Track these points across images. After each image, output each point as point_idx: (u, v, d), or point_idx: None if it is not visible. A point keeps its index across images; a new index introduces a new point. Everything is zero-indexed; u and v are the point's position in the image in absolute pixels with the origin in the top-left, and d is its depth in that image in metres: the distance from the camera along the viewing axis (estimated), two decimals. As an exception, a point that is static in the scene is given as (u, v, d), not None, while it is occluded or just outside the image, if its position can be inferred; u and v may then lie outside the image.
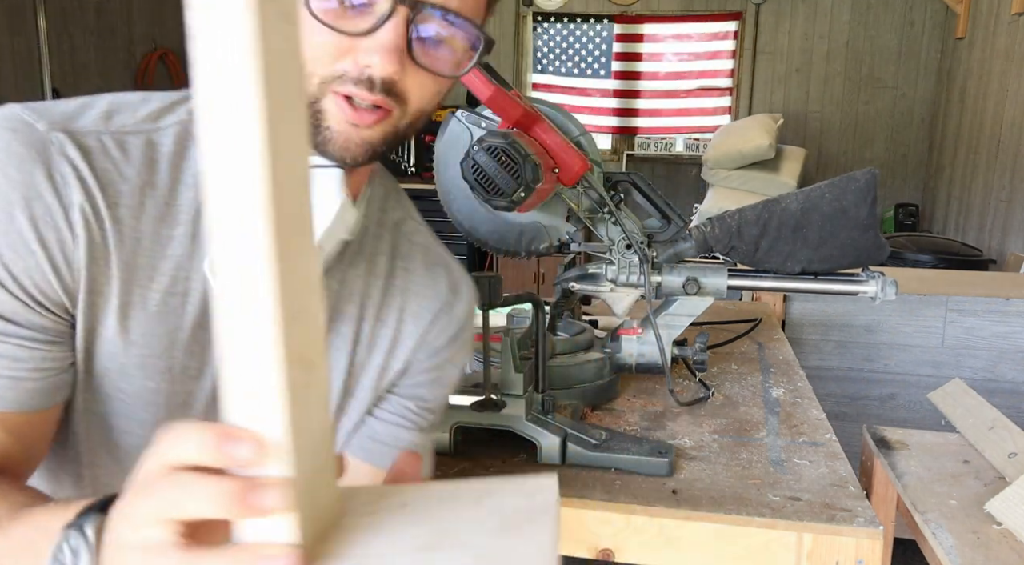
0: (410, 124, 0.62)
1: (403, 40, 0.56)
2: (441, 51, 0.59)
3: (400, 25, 0.55)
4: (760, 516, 0.89)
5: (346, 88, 0.56)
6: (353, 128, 0.58)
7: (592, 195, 1.17)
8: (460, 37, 0.59)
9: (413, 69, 0.58)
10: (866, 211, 1.14)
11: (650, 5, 5.20)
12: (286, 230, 0.35)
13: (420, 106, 0.61)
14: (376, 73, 0.56)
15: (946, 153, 4.49)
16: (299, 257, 0.37)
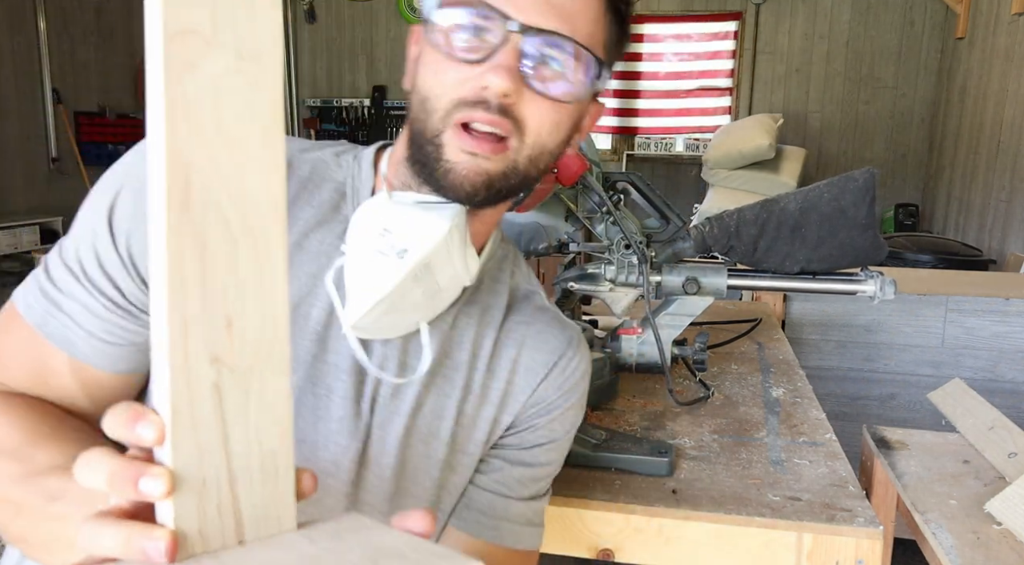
0: (530, 158, 0.62)
1: (516, 61, 0.58)
2: (554, 75, 0.60)
3: (513, 49, 0.58)
4: (760, 516, 0.89)
5: (463, 113, 0.59)
6: (471, 158, 0.59)
7: (591, 195, 1.17)
8: (572, 63, 0.60)
9: (529, 94, 0.60)
10: (865, 211, 1.14)
11: (650, 5, 5.20)
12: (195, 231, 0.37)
13: (538, 135, 0.61)
14: (492, 92, 0.58)
15: (946, 153, 4.49)
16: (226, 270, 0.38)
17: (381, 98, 5.84)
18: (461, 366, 0.70)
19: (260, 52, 0.38)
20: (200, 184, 0.37)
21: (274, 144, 0.39)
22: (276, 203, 0.39)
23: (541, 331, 0.73)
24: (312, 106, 6.02)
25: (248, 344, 0.39)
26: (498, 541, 0.74)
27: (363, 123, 5.90)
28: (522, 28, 0.58)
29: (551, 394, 0.73)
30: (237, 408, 0.38)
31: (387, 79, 5.85)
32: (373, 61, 5.85)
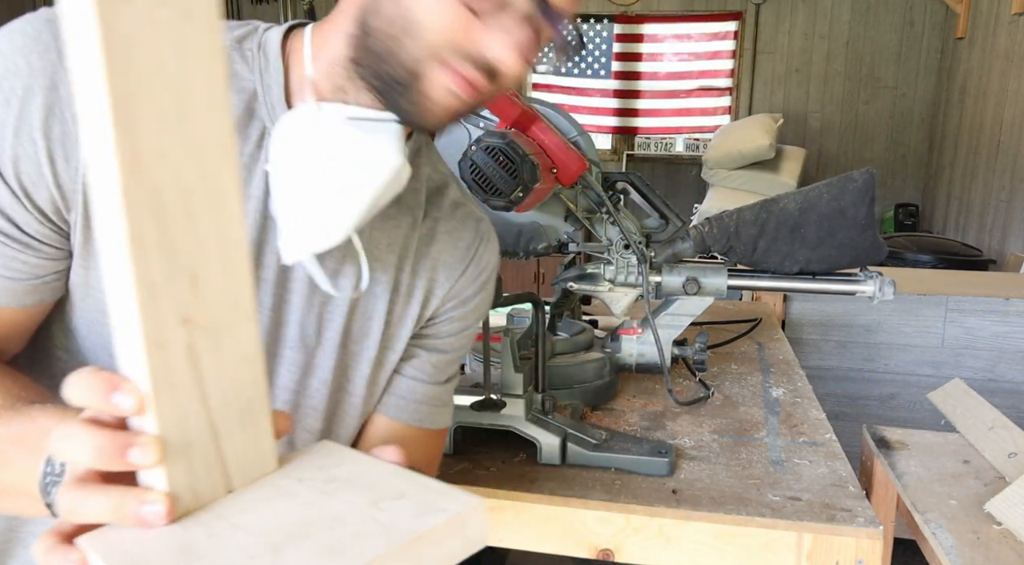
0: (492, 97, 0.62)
1: (534, 43, 0.57)
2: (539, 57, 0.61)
3: (533, 27, 0.56)
4: (760, 516, 0.89)
5: (457, 62, 0.56)
6: (455, 98, 0.58)
7: (590, 195, 1.17)
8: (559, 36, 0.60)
9: None
10: (864, 211, 1.14)
11: (650, 5, 5.20)
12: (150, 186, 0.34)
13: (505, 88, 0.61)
14: (503, 66, 0.56)
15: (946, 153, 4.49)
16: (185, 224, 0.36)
17: (381, 98, 5.83)
18: (389, 268, 0.70)
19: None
20: (149, 134, 0.34)
21: (216, 79, 0.36)
22: (225, 144, 0.37)
23: (456, 228, 0.75)
24: (312, 106, 6.01)
25: (215, 298, 0.37)
26: (417, 423, 0.77)
27: (363, 123, 5.89)
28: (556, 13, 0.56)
29: (467, 287, 0.76)
30: (212, 365, 0.38)
31: (387, 79, 5.83)
32: (373, 61, 5.84)
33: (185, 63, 0.35)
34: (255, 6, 5.98)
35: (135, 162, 0.34)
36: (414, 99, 0.58)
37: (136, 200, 0.34)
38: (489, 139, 1.00)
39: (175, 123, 0.35)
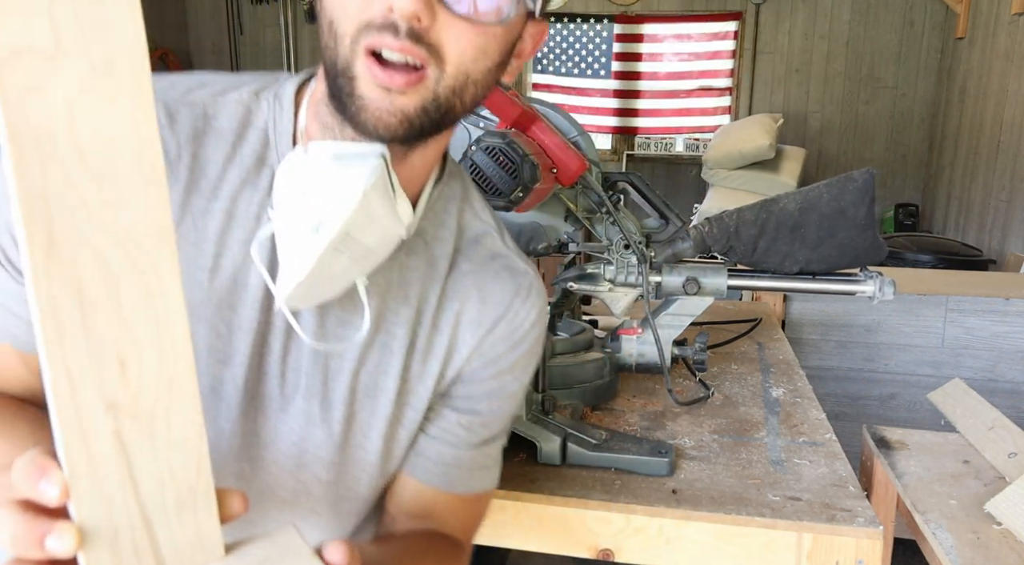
0: (452, 89, 0.55)
1: None
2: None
3: None
4: (760, 516, 0.89)
5: (372, 39, 0.51)
6: (384, 93, 0.53)
7: (590, 195, 1.17)
8: None
9: (445, 15, 0.52)
10: (864, 211, 1.14)
11: (650, 5, 5.20)
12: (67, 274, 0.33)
13: (460, 64, 0.54)
14: (399, 14, 0.50)
15: (946, 153, 4.49)
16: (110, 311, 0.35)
17: (381, 98, 5.84)
18: (405, 322, 0.66)
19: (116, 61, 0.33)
20: (66, 223, 0.33)
21: (150, 165, 0.35)
22: (161, 230, 0.36)
23: (488, 282, 0.69)
24: (312, 106, 6.01)
25: (147, 384, 0.36)
26: (448, 488, 0.73)
27: (363, 123, 5.89)
28: None
29: (497, 347, 0.70)
30: (143, 452, 0.36)
31: (387, 79, 5.84)
32: (373, 61, 5.84)
33: (110, 149, 0.34)
34: (255, 6, 5.98)
35: (48, 249, 0.33)
36: (356, 106, 0.54)
37: (51, 286, 0.33)
38: (489, 139, 1.00)
39: (100, 211, 0.34)
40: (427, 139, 0.59)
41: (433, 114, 0.56)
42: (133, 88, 0.34)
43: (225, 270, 0.61)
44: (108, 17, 0.33)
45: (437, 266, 0.67)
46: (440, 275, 0.68)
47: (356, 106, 0.54)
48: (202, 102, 0.62)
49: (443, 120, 0.57)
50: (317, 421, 0.66)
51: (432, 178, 0.67)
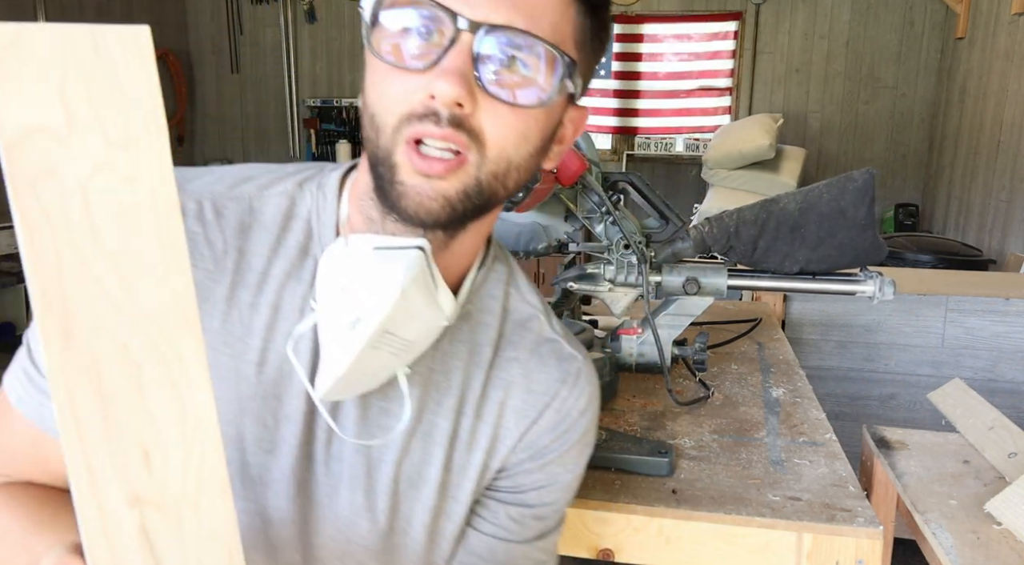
0: (493, 174, 0.55)
1: (468, 65, 0.51)
2: (514, 78, 0.53)
3: (464, 51, 0.51)
4: (760, 516, 0.89)
5: (413, 128, 0.52)
6: (424, 180, 0.53)
7: (590, 195, 1.17)
8: (534, 61, 0.53)
9: (486, 101, 0.52)
10: (864, 211, 1.14)
11: (650, 5, 5.20)
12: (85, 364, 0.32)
13: (501, 148, 0.54)
14: (440, 101, 0.51)
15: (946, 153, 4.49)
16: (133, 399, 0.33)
17: (381, 98, 5.84)
18: (448, 412, 0.65)
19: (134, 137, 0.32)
20: (83, 310, 0.31)
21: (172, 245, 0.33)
22: (185, 313, 0.34)
23: (534, 369, 0.67)
24: (312, 106, 6.02)
25: (174, 475, 0.34)
26: None
27: (363, 123, 5.90)
28: (472, 25, 0.50)
29: (544, 438, 0.67)
30: (171, 546, 0.35)
31: (387, 79, 5.84)
32: (373, 61, 5.84)
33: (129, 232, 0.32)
34: (255, 6, 5.98)
35: (64, 338, 0.31)
36: (398, 193, 0.54)
37: (69, 378, 0.32)
38: (489, 139, 1.00)
39: (119, 297, 0.32)
40: (468, 224, 0.59)
41: (475, 199, 0.55)
42: (152, 165, 0.32)
43: (272, 363, 0.61)
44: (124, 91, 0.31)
45: (481, 353, 0.66)
46: (484, 362, 0.66)
47: (397, 192, 0.54)
48: (248, 196, 0.63)
49: (486, 205, 0.57)
50: (361, 510, 0.65)
51: (476, 262, 0.66)
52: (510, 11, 0.51)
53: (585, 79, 0.60)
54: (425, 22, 0.52)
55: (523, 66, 0.53)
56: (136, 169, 0.32)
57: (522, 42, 0.52)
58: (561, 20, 0.54)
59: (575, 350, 0.69)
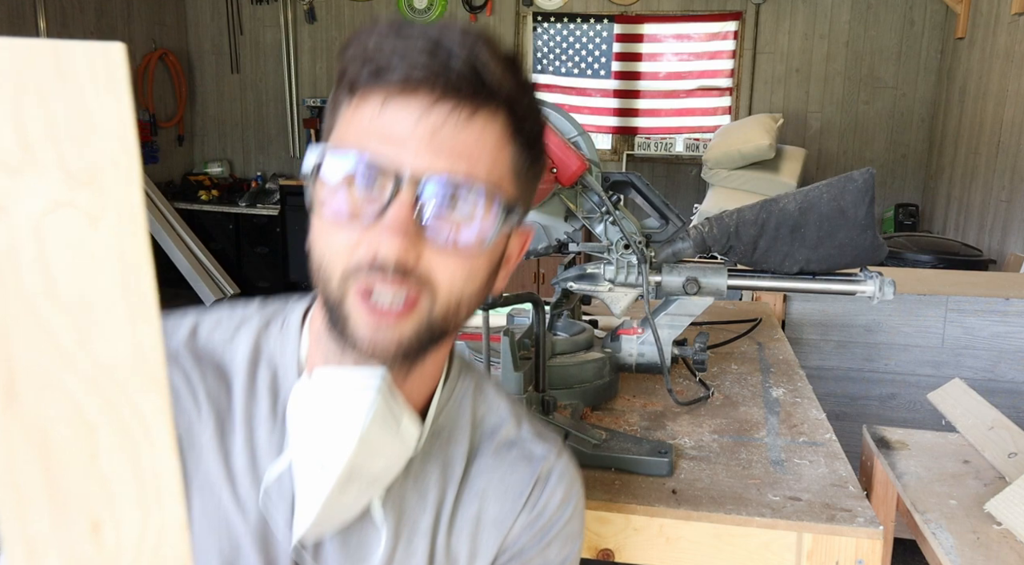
0: (444, 312, 0.56)
1: (409, 217, 0.52)
2: (458, 224, 0.54)
3: (405, 204, 0.51)
4: (760, 516, 0.89)
5: (361, 280, 0.53)
6: (377, 331, 0.54)
7: (590, 195, 1.17)
8: (475, 206, 0.53)
9: (433, 248, 0.53)
10: (864, 211, 1.13)
11: (650, 5, 5.21)
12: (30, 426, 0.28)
13: (451, 290, 0.55)
14: (385, 255, 0.51)
15: (946, 153, 4.49)
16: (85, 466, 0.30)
17: (381, 98, 5.84)
18: (425, 531, 0.64)
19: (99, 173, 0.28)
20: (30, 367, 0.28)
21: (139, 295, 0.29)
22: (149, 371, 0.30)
23: (506, 475, 0.67)
24: (312, 106, 6.02)
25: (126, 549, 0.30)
26: None
27: (363, 123, 5.91)
28: (413, 175, 0.51)
29: (521, 538, 0.67)
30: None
31: (387, 79, 5.85)
32: (373, 61, 5.85)
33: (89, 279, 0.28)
34: (255, 6, 5.98)
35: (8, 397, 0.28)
36: (351, 340, 0.55)
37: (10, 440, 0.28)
38: (489, 139, 1.00)
39: (73, 351, 0.29)
40: (426, 354, 0.59)
41: (427, 337, 0.56)
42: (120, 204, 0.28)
43: (256, 506, 0.61)
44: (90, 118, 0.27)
45: (454, 468, 0.66)
46: (456, 477, 0.66)
47: (352, 339, 0.55)
48: (221, 342, 0.64)
49: (439, 338, 0.58)
50: None
51: (441, 380, 0.66)
52: (451, 159, 0.52)
53: (525, 206, 0.61)
54: (367, 173, 0.52)
55: (465, 211, 0.53)
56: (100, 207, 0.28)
57: (464, 189, 0.53)
58: (498, 159, 0.55)
59: (546, 448, 0.69)
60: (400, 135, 0.52)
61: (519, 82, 0.56)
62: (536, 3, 5.38)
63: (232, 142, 6.37)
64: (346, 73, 0.54)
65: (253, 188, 5.92)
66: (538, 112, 0.59)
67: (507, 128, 0.55)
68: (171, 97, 6.14)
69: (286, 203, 5.62)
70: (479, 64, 0.52)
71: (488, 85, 0.53)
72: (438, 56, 0.51)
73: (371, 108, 0.53)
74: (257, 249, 5.82)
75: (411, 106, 0.52)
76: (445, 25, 0.54)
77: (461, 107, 0.52)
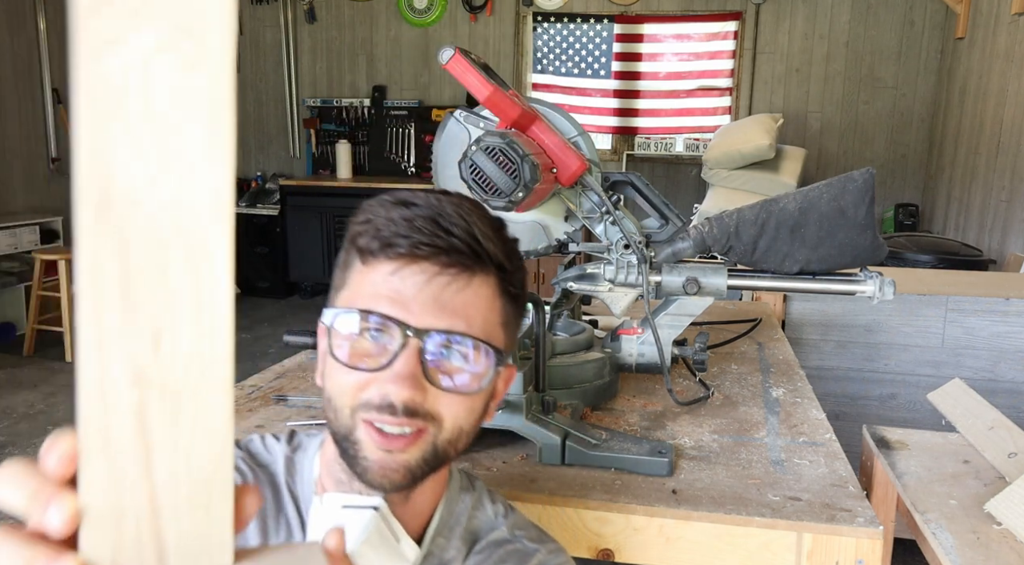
0: (448, 441, 0.63)
1: (416, 368, 0.60)
2: (457, 370, 0.62)
3: (412, 355, 0.60)
4: (760, 516, 0.89)
5: (371, 415, 0.60)
6: (387, 454, 0.61)
7: (590, 195, 1.17)
8: (472, 355, 0.62)
9: (436, 391, 0.61)
10: (864, 211, 1.13)
11: (650, 5, 5.21)
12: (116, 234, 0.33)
13: (455, 423, 0.63)
14: (395, 399, 0.59)
15: (946, 153, 4.49)
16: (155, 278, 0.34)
17: (381, 98, 5.85)
18: None
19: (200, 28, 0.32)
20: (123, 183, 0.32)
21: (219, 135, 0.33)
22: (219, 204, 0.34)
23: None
24: (312, 106, 6.02)
25: (180, 362, 0.34)
26: None
27: (363, 123, 5.91)
28: (418, 332, 0.60)
29: None
30: (165, 434, 0.34)
31: (387, 79, 5.85)
32: (373, 61, 5.85)
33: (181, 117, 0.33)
34: (255, 6, 5.98)
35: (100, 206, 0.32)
36: (362, 467, 0.62)
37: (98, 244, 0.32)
38: (489, 139, 1.00)
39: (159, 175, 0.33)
40: (427, 478, 0.66)
41: (432, 463, 0.63)
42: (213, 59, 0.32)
43: None
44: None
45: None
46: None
47: (362, 467, 0.62)
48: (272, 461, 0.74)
49: (441, 464, 0.65)
50: None
51: (442, 501, 0.73)
52: (450, 318, 0.61)
53: (511, 348, 0.70)
54: (377, 329, 0.61)
55: (463, 361, 0.62)
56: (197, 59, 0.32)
57: (461, 342, 0.62)
58: (490, 313, 0.64)
59: (539, 542, 0.74)
60: (407, 297, 0.61)
61: (507, 247, 0.65)
62: (536, 3, 5.38)
63: (232, 142, 6.36)
64: (357, 241, 0.63)
65: (253, 188, 5.92)
66: (522, 269, 0.69)
67: (497, 287, 0.65)
68: (171, 97, 6.14)
69: (286, 203, 5.62)
70: (475, 235, 0.61)
71: (482, 253, 0.62)
72: (440, 229, 0.61)
73: (381, 274, 0.62)
74: (257, 249, 5.82)
75: (416, 273, 0.61)
76: (443, 198, 0.63)
77: (460, 274, 0.62)
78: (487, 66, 1.12)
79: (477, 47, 5.53)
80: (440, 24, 5.65)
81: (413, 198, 0.63)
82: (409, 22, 5.69)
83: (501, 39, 5.52)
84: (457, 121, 1.17)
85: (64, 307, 4.22)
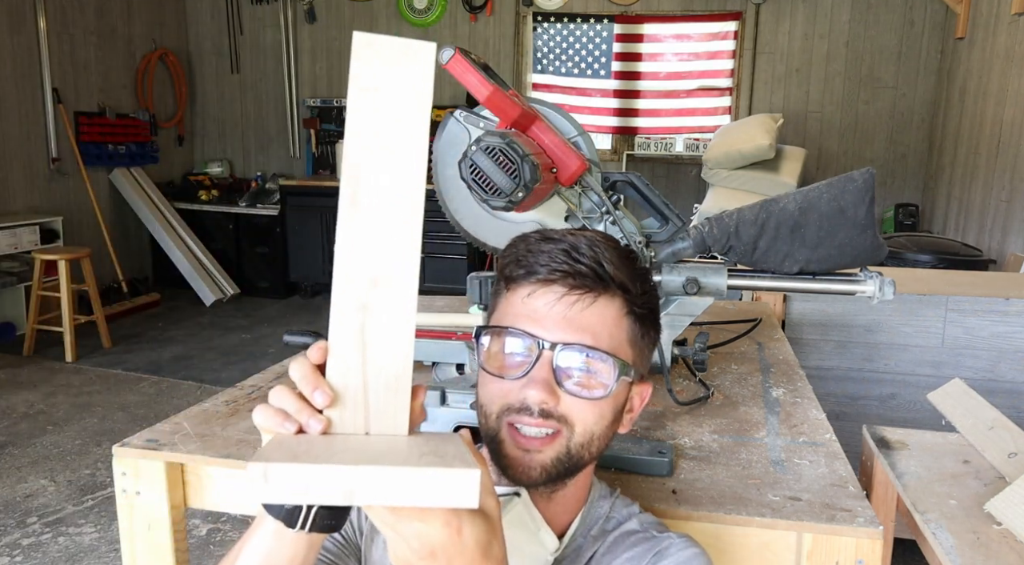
0: (580, 444, 0.71)
1: (549, 375, 0.69)
2: (586, 379, 0.71)
3: (545, 364, 0.69)
4: (760, 516, 0.89)
5: (512, 416, 0.70)
6: (524, 452, 0.70)
7: (590, 195, 1.17)
8: (599, 366, 0.71)
9: (568, 397, 0.70)
10: (864, 211, 1.13)
11: (650, 5, 5.21)
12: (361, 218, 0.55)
13: (585, 426, 0.71)
14: (531, 402, 0.69)
15: (946, 153, 4.49)
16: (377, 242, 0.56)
17: (381, 98, 5.84)
18: None
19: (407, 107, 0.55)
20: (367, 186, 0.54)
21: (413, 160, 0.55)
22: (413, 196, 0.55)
23: (624, 551, 0.76)
24: (312, 106, 6.02)
25: (386, 296, 0.55)
26: None
27: (363, 123, 5.90)
28: (551, 345, 0.69)
29: None
30: (375, 341, 0.55)
31: (387, 79, 5.85)
32: (373, 61, 5.85)
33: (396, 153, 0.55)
34: (255, 6, 5.98)
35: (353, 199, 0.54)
36: (504, 464, 0.71)
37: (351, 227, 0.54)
38: (489, 139, 1.00)
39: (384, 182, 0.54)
40: (567, 480, 0.74)
41: (567, 463, 0.71)
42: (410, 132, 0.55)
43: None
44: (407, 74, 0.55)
45: None
46: None
47: (504, 464, 0.71)
48: None
49: (576, 467, 0.73)
50: None
51: (589, 500, 0.80)
52: (578, 333, 0.70)
53: (642, 365, 0.77)
54: (518, 343, 0.71)
55: (591, 370, 0.71)
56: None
57: (588, 354, 0.70)
58: (616, 330, 0.72)
59: (671, 537, 0.77)
60: (541, 315, 0.71)
61: (633, 272, 0.73)
62: (536, 3, 5.38)
63: (232, 142, 6.37)
64: (504, 270, 0.74)
65: (253, 188, 5.92)
66: (652, 294, 0.77)
67: (623, 307, 0.73)
68: (171, 97, 6.14)
69: (286, 203, 5.62)
70: (600, 261, 0.71)
71: (605, 276, 0.71)
72: (570, 258, 0.71)
73: (520, 297, 0.73)
74: (257, 249, 5.82)
75: (549, 295, 0.71)
76: (579, 233, 0.73)
77: (586, 294, 0.71)
78: (487, 66, 1.12)
79: (477, 47, 5.53)
80: (440, 24, 5.65)
81: (554, 234, 0.73)
82: (409, 22, 5.69)
83: (501, 39, 5.52)
84: (457, 121, 1.17)
85: (64, 307, 4.22)
